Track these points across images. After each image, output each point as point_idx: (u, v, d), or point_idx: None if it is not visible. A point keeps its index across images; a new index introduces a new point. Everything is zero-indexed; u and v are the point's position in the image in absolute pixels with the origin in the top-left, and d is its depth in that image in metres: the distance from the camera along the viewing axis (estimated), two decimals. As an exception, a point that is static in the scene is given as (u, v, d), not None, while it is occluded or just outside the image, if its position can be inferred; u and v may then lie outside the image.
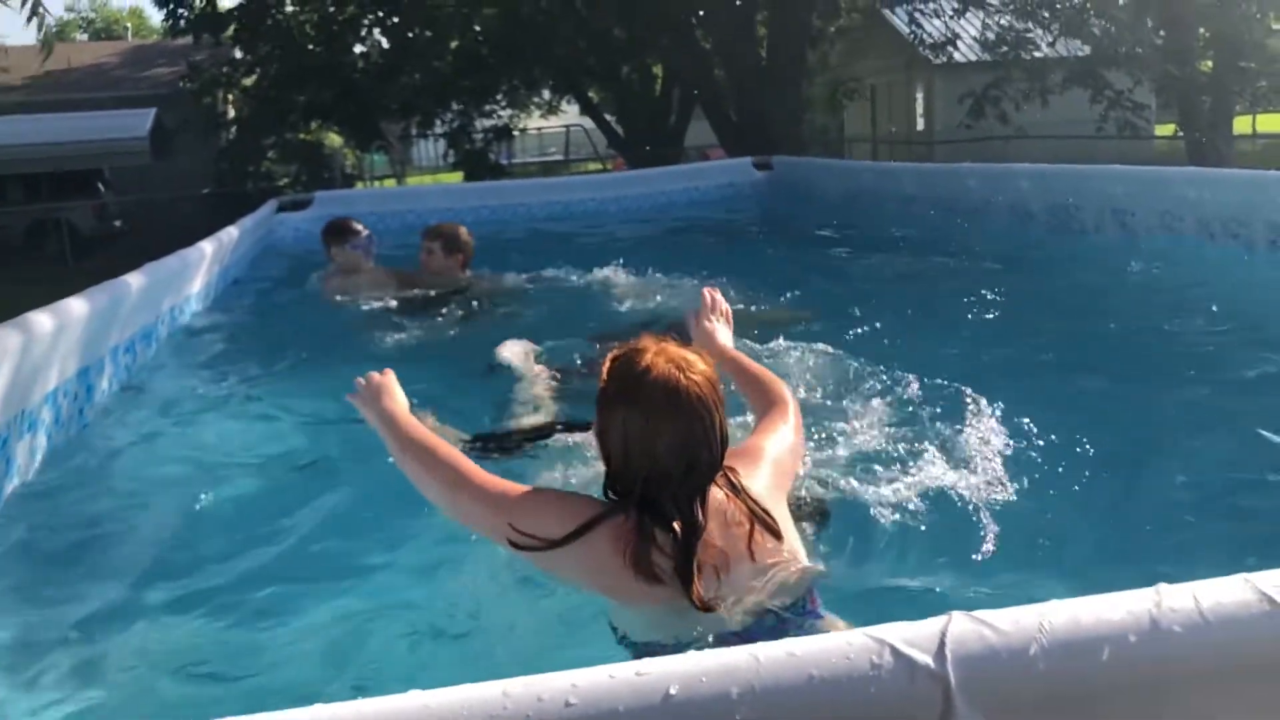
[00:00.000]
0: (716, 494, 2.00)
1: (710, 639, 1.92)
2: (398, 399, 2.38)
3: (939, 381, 3.61)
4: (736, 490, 2.02)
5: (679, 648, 1.93)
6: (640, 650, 1.99)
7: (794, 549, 2.06)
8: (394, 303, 5.87)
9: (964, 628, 1.18)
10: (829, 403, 3.59)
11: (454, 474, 2.13)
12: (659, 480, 1.95)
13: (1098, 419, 3.24)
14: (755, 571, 1.98)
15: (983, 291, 5.36)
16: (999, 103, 17.71)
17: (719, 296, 2.90)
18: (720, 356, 2.64)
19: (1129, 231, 6.59)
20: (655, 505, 1.96)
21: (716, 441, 1.99)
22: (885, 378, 3.76)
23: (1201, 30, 16.45)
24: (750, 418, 2.53)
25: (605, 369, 2.06)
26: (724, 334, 2.80)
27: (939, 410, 3.37)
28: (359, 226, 6.18)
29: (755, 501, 2.02)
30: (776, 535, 2.01)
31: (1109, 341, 4.59)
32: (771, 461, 2.18)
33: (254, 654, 2.36)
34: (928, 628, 1.18)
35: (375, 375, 2.44)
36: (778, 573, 1.99)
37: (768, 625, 1.96)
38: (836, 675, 1.15)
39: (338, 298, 6.03)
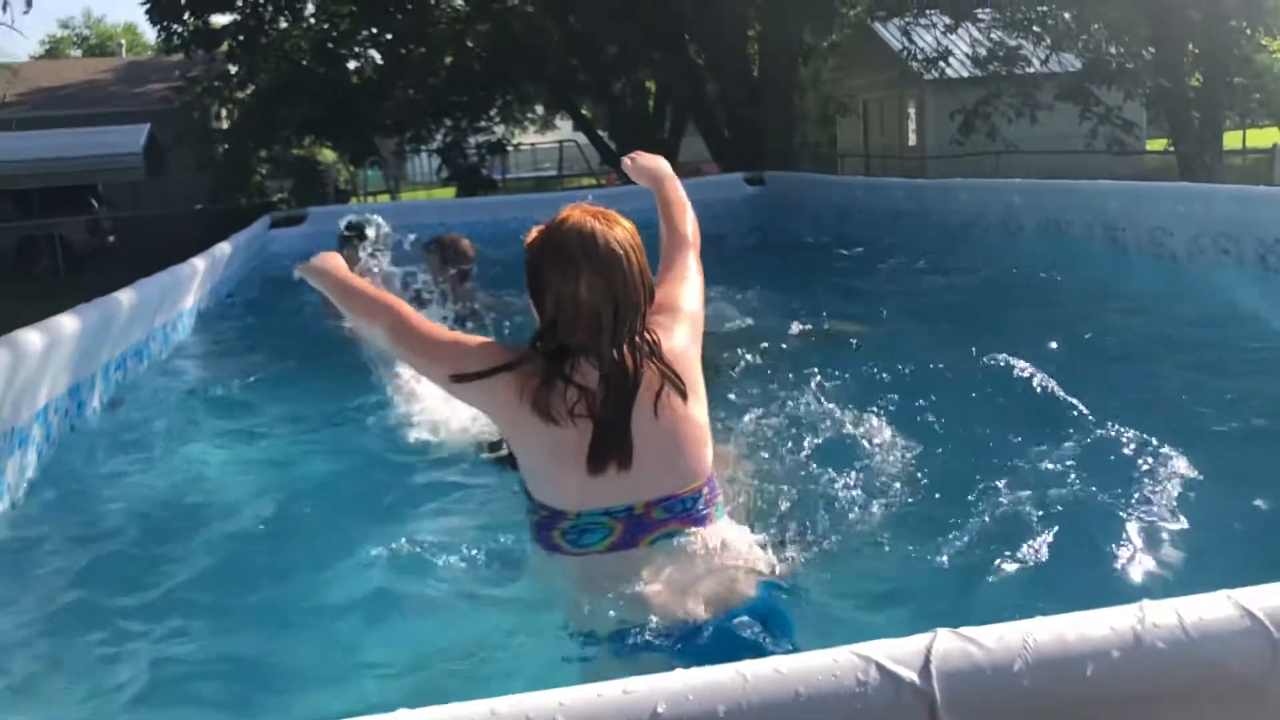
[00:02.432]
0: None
1: (592, 510, 2.04)
2: (340, 264, 2.52)
3: (940, 393, 3.61)
4: (651, 352, 2.11)
5: (560, 517, 2.07)
6: (537, 519, 2.11)
7: (698, 414, 2.15)
8: None
9: (949, 644, 1.18)
10: (821, 410, 3.59)
11: (395, 326, 2.26)
12: (588, 329, 2.05)
13: (1091, 429, 3.24)
14: (656, 429, 2.06)
15: (977, 305, 5.37)
16: (990, 118, 17.78)
17: (636, 154, 2.89)
18: (655, 179, 2.71)
19: (1119, 246, 6.63)
20: (567, 357, 2.07)
21: (639, 289, 2.09)
22: (890, 393, 3.76)
23: (1190, 46, 16.53)
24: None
25: (531, 235, 2.18)
26: (660, 163, 2.79)
27: (936, 425, 3.37)
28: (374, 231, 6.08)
29: (668, 366, 2.11)
30: (683, 396, 2.12)
31: (1101, 353, 4.61)
32: (688, 316, 2.29)
33: (239, 670, 2.35)
34: (913, 644, 1.19)
35: (324, 254, 2.58)
36: (677, 434, 2.10)
37: (653, 518, 2.06)
38: (823, 692, 1.15)
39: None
